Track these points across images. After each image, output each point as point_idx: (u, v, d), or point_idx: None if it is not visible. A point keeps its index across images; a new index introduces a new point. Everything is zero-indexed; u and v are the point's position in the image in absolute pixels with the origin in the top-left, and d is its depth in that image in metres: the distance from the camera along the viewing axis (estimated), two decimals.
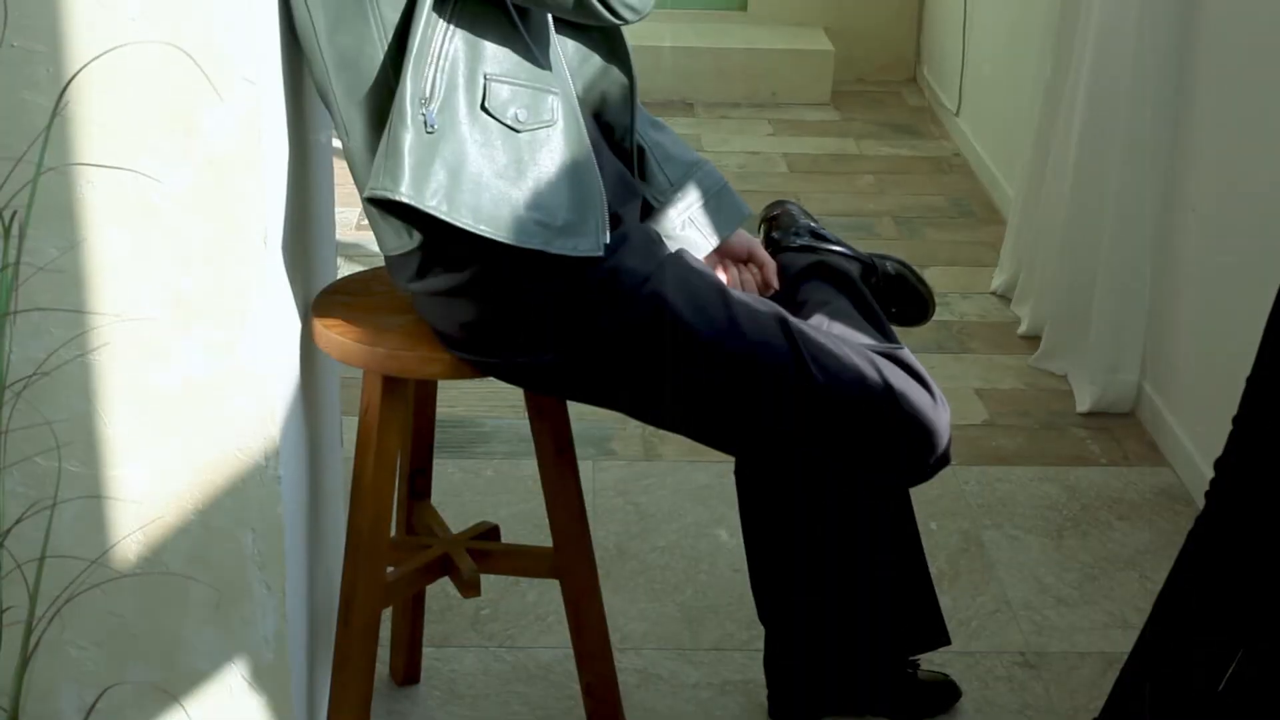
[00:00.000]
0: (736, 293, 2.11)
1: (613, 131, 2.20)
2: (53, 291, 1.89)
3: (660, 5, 5.94)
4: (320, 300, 2.19)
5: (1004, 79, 4.82)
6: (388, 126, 1.95)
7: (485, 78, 1.98)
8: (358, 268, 3.97)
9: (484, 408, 3.48)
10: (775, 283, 2.32)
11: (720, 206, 2.28)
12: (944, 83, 5.63)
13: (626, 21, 2.02)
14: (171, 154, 1.87)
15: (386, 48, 1.96)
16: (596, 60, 2.15)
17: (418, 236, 2.01)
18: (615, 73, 2.16)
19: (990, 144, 5.00)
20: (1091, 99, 3.58)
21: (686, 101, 5.74)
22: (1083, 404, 3.62)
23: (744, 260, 2.31)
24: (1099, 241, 3.59)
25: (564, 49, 2.12)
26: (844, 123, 5.62)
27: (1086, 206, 3.65)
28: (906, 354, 2.18)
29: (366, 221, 2.13)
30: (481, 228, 1.95)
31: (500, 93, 1.98)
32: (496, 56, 1.99)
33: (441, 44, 1.95)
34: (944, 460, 2.20)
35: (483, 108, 1.97)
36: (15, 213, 1.43)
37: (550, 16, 2.07)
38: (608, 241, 2.02)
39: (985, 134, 5.07)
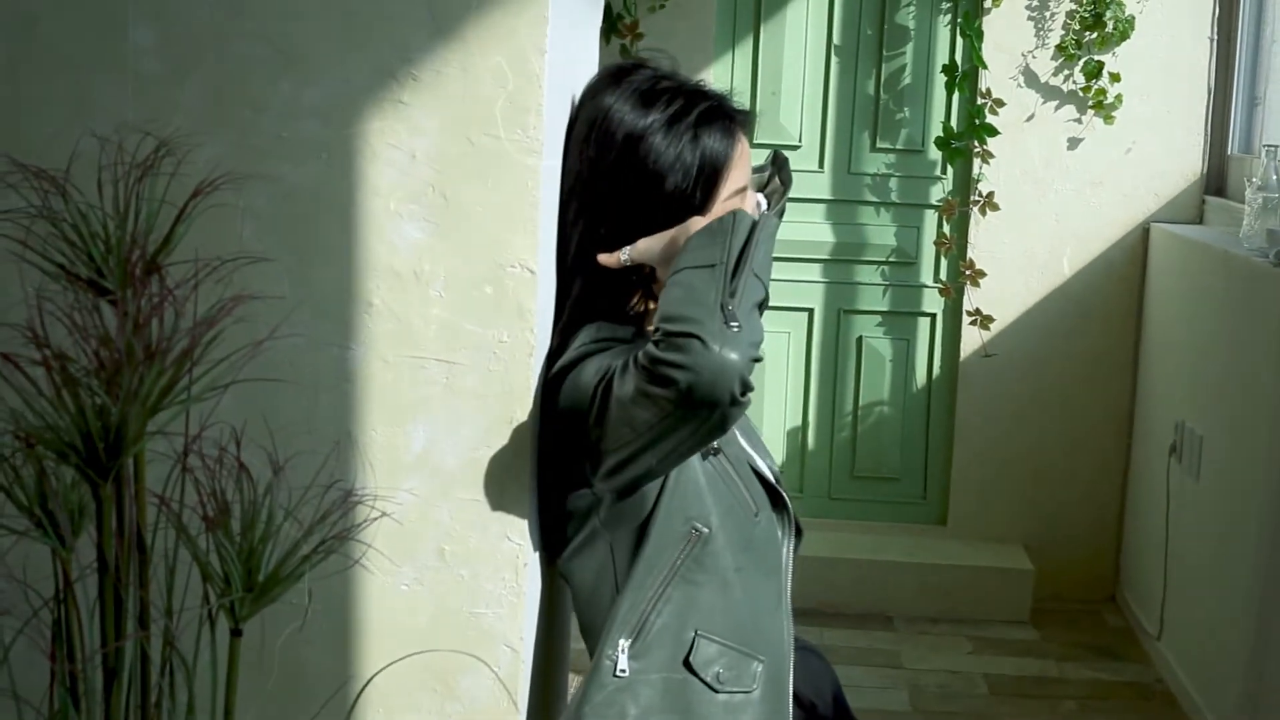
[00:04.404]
0: None
1: None
2: None
3: (859, 518, 6.07)
4: None
5: (1208, 604, 4.80)
6: (596, 656, 2.00)
7: (696, 633, 2.01)
8: None
9: None
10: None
11: None
12: (1145, 605, 5.61)
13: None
14: (430, 714, 1.98)
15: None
16: None
17: None
18: None
19: (1194, 672, 4.94)
20: None
21: (885, 615, 5.79)
22: None
23: None
24: None
25: None
26: (1044, 643, 5.62)
27: None
28: None
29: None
30: None
31: (707, 650, 2.00)
32: (711, 614, 2.02)
33: (660, 588, 1.99)
34: None
35: (685, 662, 1.99)
36: None
37: (789, 578, 2.14)
38: None
39: (1189, 661, 5.03)
